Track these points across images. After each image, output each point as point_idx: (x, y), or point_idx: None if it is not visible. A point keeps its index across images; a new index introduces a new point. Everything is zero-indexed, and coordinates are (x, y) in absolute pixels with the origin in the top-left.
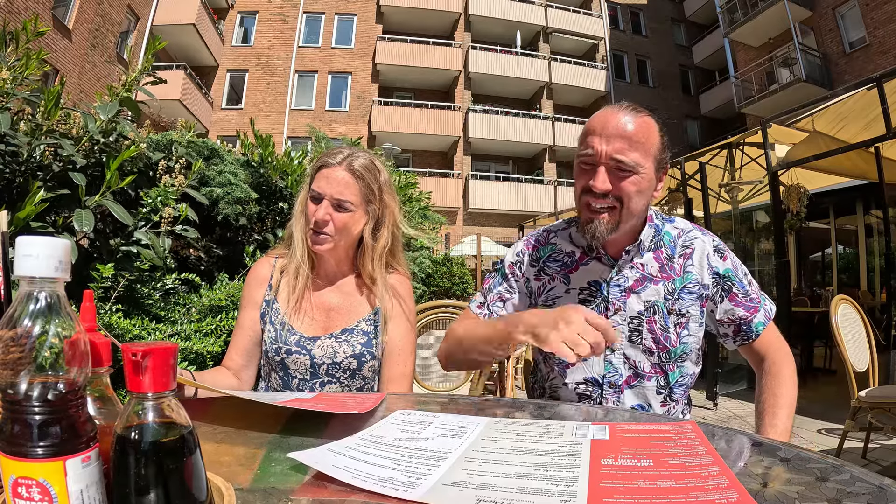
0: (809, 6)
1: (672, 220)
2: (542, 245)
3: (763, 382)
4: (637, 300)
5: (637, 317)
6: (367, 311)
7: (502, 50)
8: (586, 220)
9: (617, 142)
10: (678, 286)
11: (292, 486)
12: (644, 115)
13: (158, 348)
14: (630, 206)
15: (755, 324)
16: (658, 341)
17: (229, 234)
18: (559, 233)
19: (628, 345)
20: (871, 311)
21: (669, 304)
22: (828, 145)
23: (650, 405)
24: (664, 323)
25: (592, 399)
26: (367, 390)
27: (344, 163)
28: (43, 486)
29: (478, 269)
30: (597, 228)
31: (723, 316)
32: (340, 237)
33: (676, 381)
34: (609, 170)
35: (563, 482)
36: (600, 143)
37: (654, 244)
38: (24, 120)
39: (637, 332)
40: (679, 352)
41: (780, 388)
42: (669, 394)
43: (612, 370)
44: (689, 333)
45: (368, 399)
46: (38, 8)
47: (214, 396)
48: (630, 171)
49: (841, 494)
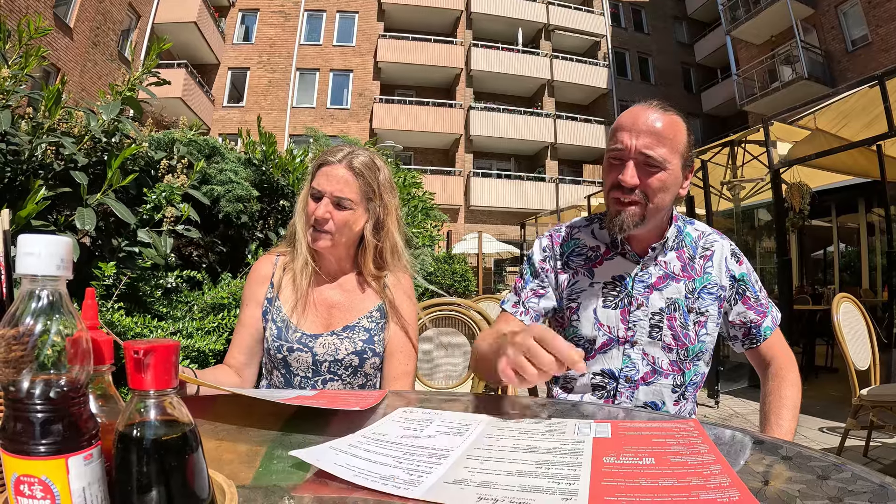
0: (812, 4)
1: (692, 223)
2: (567, 240)
3: (769, 385)
4: (659, 297)
5: (658, 313)
6: (368, 309)
7: (504, 47)
8: (614, 212)
9: (645, 137)
10: (698, 286)
11: (294, 483)
12: (672, 113)
13: (160, 346)
14: (656, 200)
15: (764, 328)
16: (677, 338)
17: (231, 232)
18: (582, 228)
19: (648, 341)
20: (873, 309)
21: (689, 303)
22: (830, 143)
23: (664, 403)
24: (684, 321)
25: (606, 391)
26: (369, 387)
27: (344, 160)
28: (45, 483)
29: (479, 266)
30: (624, 221)
31: (735, 318)
32: (340, 235)
33: (691, 379)
34: (637, 164)
35: (564, 480)
36: (630, 139)
37: (676, 243)
38: (26, 118)
39: (657, 329)
40: (696, 350)
41: (785, 390)
42: (683, 392)
43: (629, 364)
44: (707, 332)
45: (370, 396)
46: (40, 6)
47: (216, 394)
48: (658, 166)
49: (842, 493)
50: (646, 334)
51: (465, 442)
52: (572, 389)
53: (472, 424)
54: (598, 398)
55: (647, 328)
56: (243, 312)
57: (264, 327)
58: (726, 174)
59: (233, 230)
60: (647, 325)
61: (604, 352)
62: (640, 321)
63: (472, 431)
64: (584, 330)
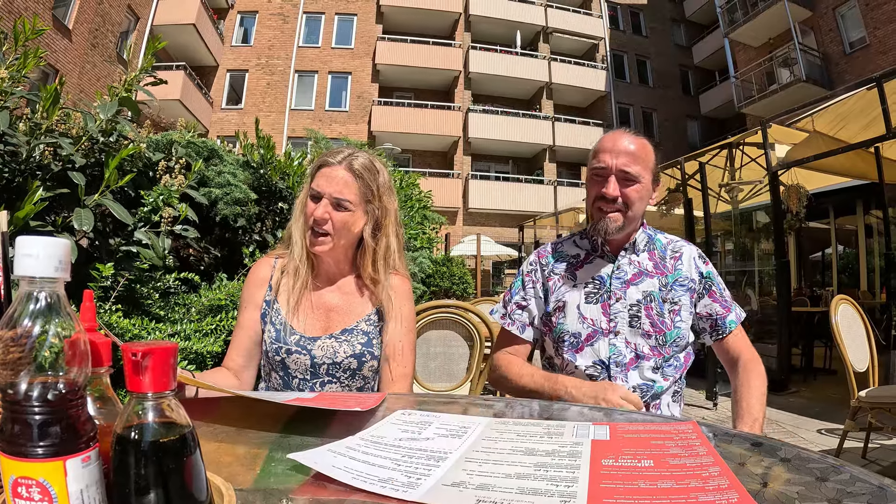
0: (809, 6)
1: (661, 233)
2: (552, 253)
3: (739, 378)
4: (636, 290)
5: (636, 304)
6: (367, 312)
7: (502, 50)
8: (598, 219)
9: (624, 157)
10: (670, 280)
11: (292, 486)
12: (643, 137)
13: (158, 348)
14: (634, 208)
15: (728, 321)
16: (655, 325)
17: (228, 235)
18: (565, 242)
19: (629, 330)
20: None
21: (663, 295)
22: (828, 145)
23: (654, 381)
24: (660, 310)
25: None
26: (367, 390)
27: (344, 162)
28: (43, 486)
29: (478, 268)
30: (608, 225)
31: (702, 310)
32: (339, 237)
33: (670, 363)
34: (618, 179)
35: (563, 482)
36: (611, 159)
37: (648, 247)
38: (24, 119)
39: (636, 318)
40: (673, 335)
41: (753, 380)
42: (662, 373)
43: (616, 352)
44: (682, 320)
45: (370, 398)
46: (38, 8)
47: (215, 396)
48: (634, 180)
49: (841, 494)
50: (626, 324)
51: (463, 444)
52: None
53: (471, 427)
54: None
55: (626, 318)
56: (242, 315)
57: (263, 329)
58: (724, 176)
59: (230, 233)
60: (626, 316)
61: (591, 344)
62: (620, 313)
63: (470, 434)
64: (570, 326)
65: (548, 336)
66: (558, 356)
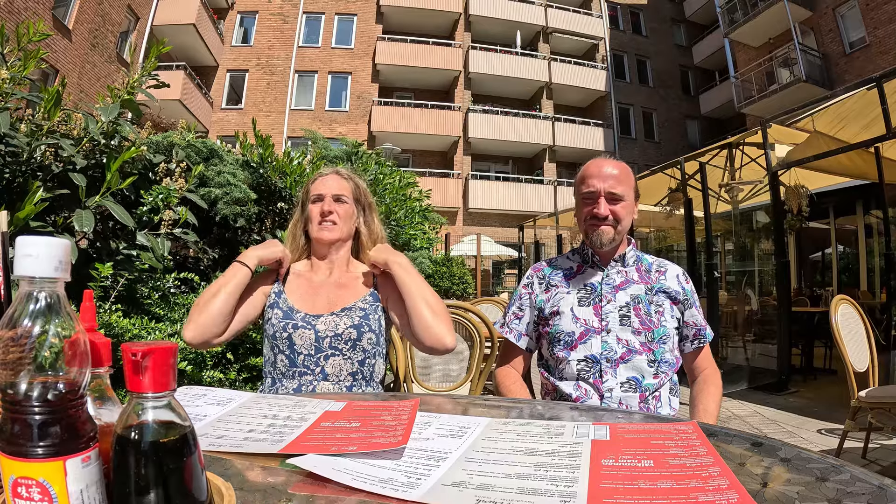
0: (809, 6)
1: (649, 254)
2: (546, 266)
3: (699, 385)
4: (624, 294)
5: (625, 305)
6: (364, 293)
7: (502, 50)
8: (591, 233)
9: (610, 180)
10: (655, 287)
11: (292, 486)
12: (622, 162)
13: (158, 348)
14: (623, 223)
15: (707, 333)
16: (643, 323)
17: (227, 235)
18: (559, 257)
19: (620, 328)
20: (871, 311)
21: (649, 298)
22: (828, 145)
23: (644, 377)
24: (647, 309)
25: (592, 374)
26: (368, 365)
27: (333, 172)
28: (43, 486)
29: (477, 268)
30: (601, 237)
31: (689, 319)
32: (344, 223)
33: (661, 358)
34: (606, 200)
35: (563, 482)
36: (599, 183)
37: (635, 262)
38: (25, 120)
39: (626, 317)
40: (661, 333)
41: (712, 387)
42: (658, 368)
43: (607, 348)
44: (666, 320)
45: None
46: (38, 8)
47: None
48: (620, 199)
49: (841, 494)
50: (617, 322)
51: (463, 444)
52: (562, 376)
53: (471, 427)
54: (587, 378)
55: (617, 317)
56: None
57: (270, 315)
58: (724, 176)
59: (229, 233)
60: (616, 316)
61: (584, 341)
62: (611, 313)
63: (470, 434)
64: (565, 326)
65: (544, 339)
66: (552, 357)
